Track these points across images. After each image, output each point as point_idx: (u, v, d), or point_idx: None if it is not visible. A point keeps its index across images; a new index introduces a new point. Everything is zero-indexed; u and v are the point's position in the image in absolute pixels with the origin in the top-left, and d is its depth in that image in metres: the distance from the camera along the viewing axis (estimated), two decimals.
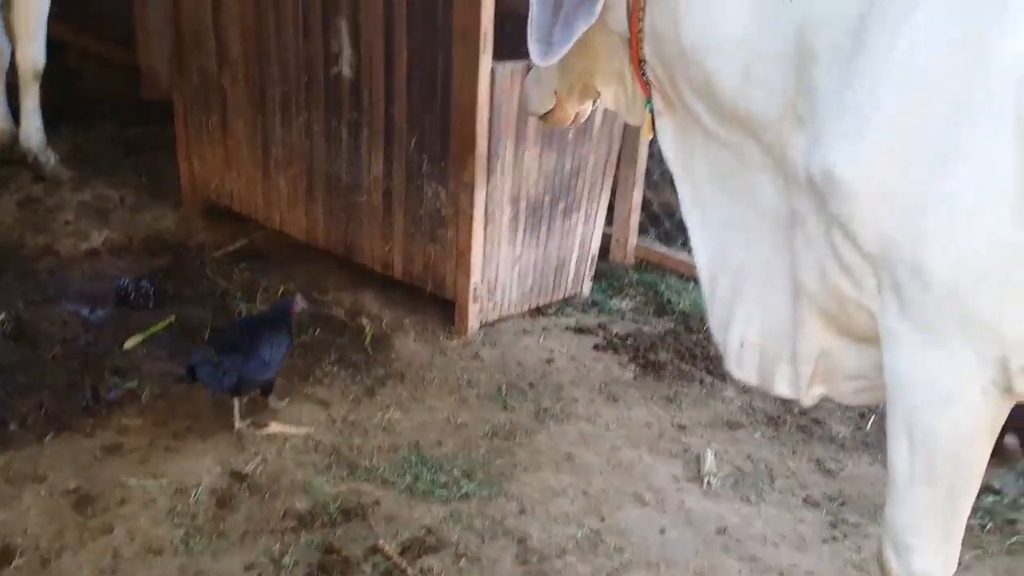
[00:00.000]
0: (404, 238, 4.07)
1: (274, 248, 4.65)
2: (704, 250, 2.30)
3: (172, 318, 3.96)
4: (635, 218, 4.70)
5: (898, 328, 1.81)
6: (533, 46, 2.13)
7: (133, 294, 4.10)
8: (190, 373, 3.14)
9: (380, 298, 4.24)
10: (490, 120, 3.69)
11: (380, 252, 4.17)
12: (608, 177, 4.32)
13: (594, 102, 2.59)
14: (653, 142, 2.51)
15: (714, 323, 2.31)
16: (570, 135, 4.01)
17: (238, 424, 3.26)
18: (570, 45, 2.09)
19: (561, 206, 4.15)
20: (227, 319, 3.98)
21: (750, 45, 1.97)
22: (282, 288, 4.25)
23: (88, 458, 3.08)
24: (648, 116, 2.32)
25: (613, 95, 2.44)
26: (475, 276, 3.91)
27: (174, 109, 4.88)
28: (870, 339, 1.93)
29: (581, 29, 2.08)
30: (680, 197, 2.35)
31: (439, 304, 4.09)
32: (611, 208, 4.56)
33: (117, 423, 3.27)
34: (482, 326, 4.06)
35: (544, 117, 2.60)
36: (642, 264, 4.77)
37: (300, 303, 3.55)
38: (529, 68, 2.55)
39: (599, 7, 2.07)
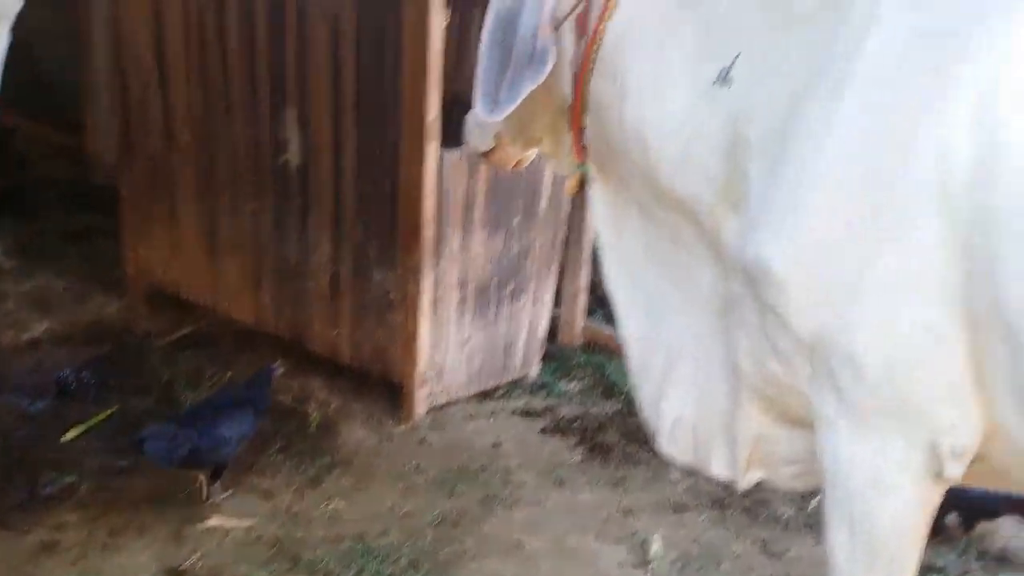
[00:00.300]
0: (352, 323, 4.06)
1: (221, 335, 4.60)
2: (633, 325, 2.31)
3: (114, 409, 3.89)
4: (582, 300, 4.73)
5: (833, 415, 1.83)
6: (480, 101, 2.15)
7: (74, 385, 4.02)
8: (138, 445, 3.09)
9: (327, 384, 4.20)
10: (437, 206, 3.73)
11: (328, 337, 4.16)
12: (555, 260, 4.36)
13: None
14: None
15: (644, 400, 2.32)
16: (516, 220, 4.06)
17: (206, 494, 3.23)
18: (516, 104, 2.12)
19: (509, 289, 4.18)
20: (171, 409, 3.92)
21: (689, 128, 2.02)
22: (229, 374, 4.21)
23: (23, 557, 2.99)
24: (576, 177, 2.36)
25: (549, 151, 2.48)
26: (422, 361, 3.90)
27: (120, 196, 4.87)
28: (807, 424, 1.94)
29: (528, 89, 2.11)
30: (605, 267, 2.36)
31: (387, 389, 4.07)
32: (559, 290, 4.59)
33: (54, 519, 3.19)
34: (430, 411, 4.04)
35: (485, 156, 2.59)
36: (590, 345, 4.78)
37: (279, 369, 3.53)
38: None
39: (547, 70, 2.11)
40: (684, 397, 2.21)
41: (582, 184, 2.37)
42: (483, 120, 2.42)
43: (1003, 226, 1.60)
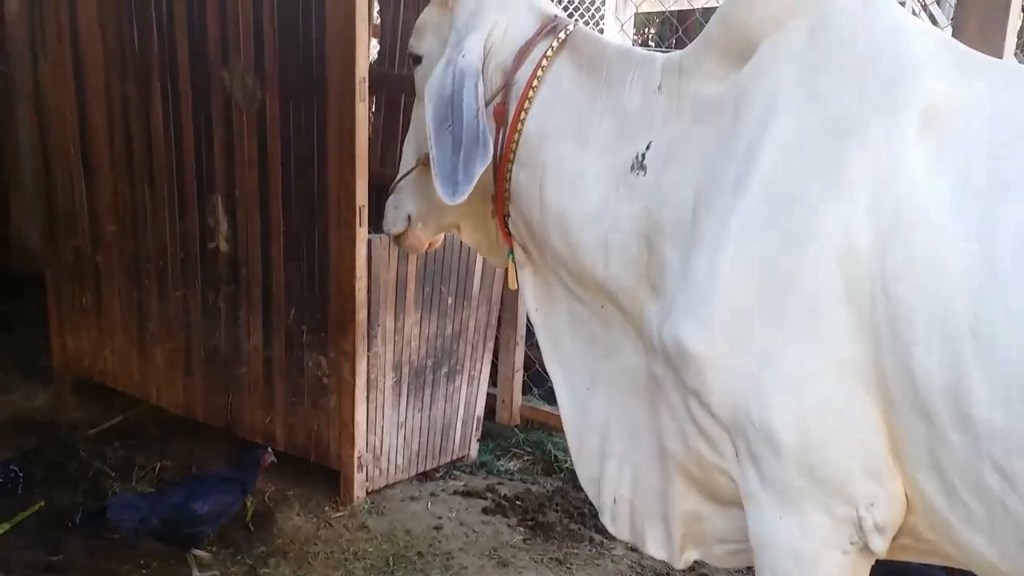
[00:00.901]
0: (286, 409, 4.02)
1: (151, 424, 4.51)
2: (569, 405, 2.34)
3: (41, 504, 3.78)
4: (518, 378, 4.75)
5: (757, 493, 1.86)
6: (439, 186, 2.09)
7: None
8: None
9: (263, 471, 4.12)
10: (369, 290, 3.73)
11: (261, 424, 4.10)
12: (490, 339, 4.37)
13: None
14: None
15: (584, 479, 2.34)
16: (450, 300, 4.08)
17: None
18: (474, 184, 2.08)
19: (444, 370, 4.17)
20: (100, 501, 3.81)
21: (608, 214, 2.07)
22: (158, 465, 4.12)
23: None
24: (511, 266, 2.38)
25: (472, 236, 2.48)
26: (359, 445, 3.87)
27: (46, 284, 4.79)
28: (736, 502, 1.97)
29: (479, 170, 2.08)
30: (542, 349, 2.39)
31: (324, 474, 4.01)
32: (494, 369, 4.60)
33: None
34: (369, 495, 3.99)
35: (397, 239, 2.57)
36: (528, 423, 4.78)
37: (270, 456, 3.49)
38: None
39: (491, 150, 2.11)
40: (619, 475, 2.24)
41: None
42: (397, 200, 2.45)
43: (908, 309, 1.65)
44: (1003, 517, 1.65)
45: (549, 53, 2.16)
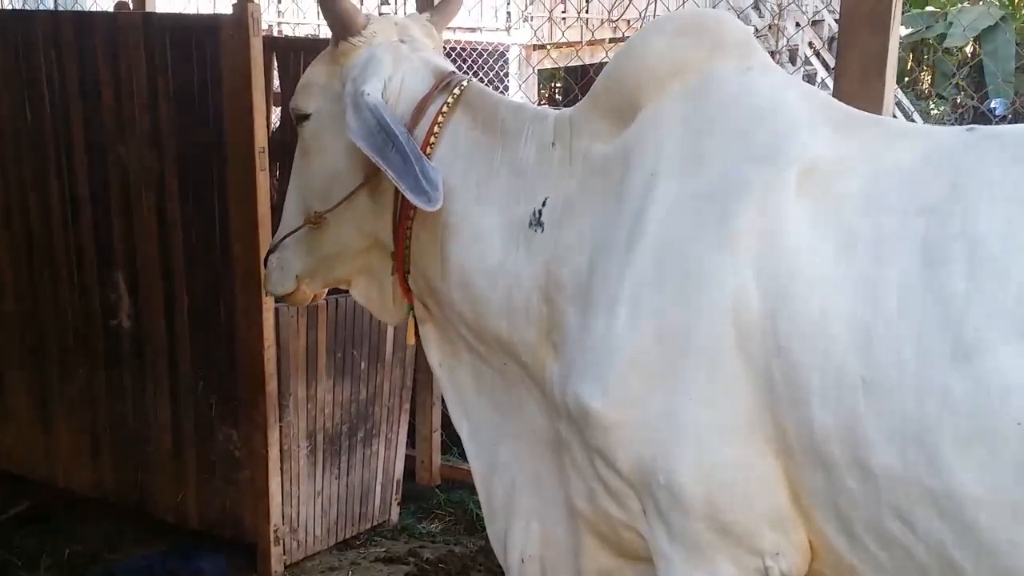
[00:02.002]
0: (198, 484, 3.92)
1: (59, 508, 4.36)
2: (477, 461, 2.32)
3: None
4: (437, 438, 4.70)
5: (666, 548, 1.87)
6: (416, 198, 2.01)
7: None
8: None
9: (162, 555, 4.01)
10: (278, 359, 3.68)
11: (173, 501, 3.99)
12: (405, 401, 4.34)
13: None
14: None
15: (493, 536, 2.31)
16: (363, 364, 4.04)
17: None
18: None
19: (360, 435, 4.12)
20: None
21: (509, 271, 2.07)
22: (67, 551, 3.97)
23: None
24: (411, 322, 2.35)
25: (365, 292, 2.44)
26: (275, 517, 3.79)
27: None
28: (647, 558, 1.98)
29: (429, 167, 2.03)
30: (448, 404, 2.37)
31: (240, 550, 3.91)
32: (412, 430, 4.56)
33: None
34: (287, 568, 3.90)
35: (281, 298, 2.53)
36: (449, 483, 4.74)
37: None
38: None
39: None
40: (528, 532, 2.22)
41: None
42: (282, 262, 2.39)
43: (801, 364, 1.69)
44: (906, 561, 1.68)
45: (445, 109, 2.15)
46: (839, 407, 1.66)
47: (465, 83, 2.21)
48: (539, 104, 11.66)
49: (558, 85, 14.28)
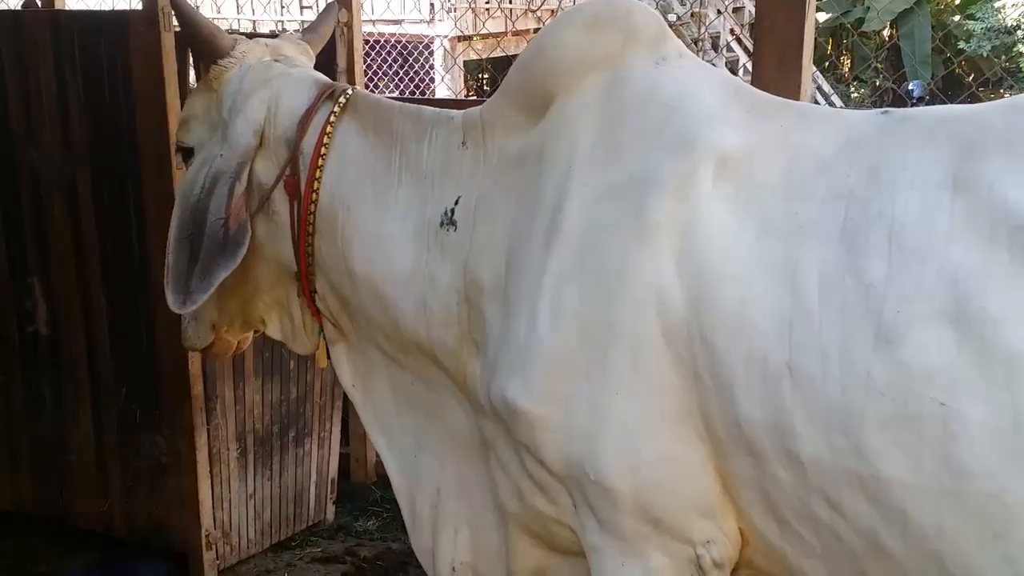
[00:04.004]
0: (123, 494, 3.83)
1: None
2: (398, 474, 2.28)
3: None
4: None
5: (598, 542, 1.87)
6: (169, 295, 2.05)
7: None
8: None
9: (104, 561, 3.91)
10: (203, 361, 3.60)
11: (98, 512, 3.89)
12: (338, 398, 4.28)
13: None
14: None
15: (418, 551, 2.28)
16: (292, 364, 3.98)
17: None
18: (210, 292, 2.04)
19: (292, 434, 4.06)
20: None
21: (423, 275, 2.03)
22: None
23: None
24: (322, 344, 2.31)
25: (278, 325, 2.38)
26: (206, 522, 3.71)
27: None
28: (580, 552, 1.97)
29: (221, 276, 2.04)
30: (364, 424, 2.33)
31: (173, 557, 3.83)
32: (346, 428, 4.51)
33: None
34: (221, 573, 3.82)
35: (205, 351, 2.47)
36: (385, 480, 4.66)
37: None
38: None
39: (242, 252, 2.05)
40: (456, 541, 2.20)
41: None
42: (194, 313, 2.29)
43: (725, 354, 1.69)
44: (835, 545, 1.69)
45: (332, 118, 2.11)
46: (765, 397, 1.66)
47: (350, 91, 2.17)
48: (467, 96, 11.61)
49: (485, 76, 14.25)
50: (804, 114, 1.88)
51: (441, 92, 10.98)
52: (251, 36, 2.38)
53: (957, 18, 16.43)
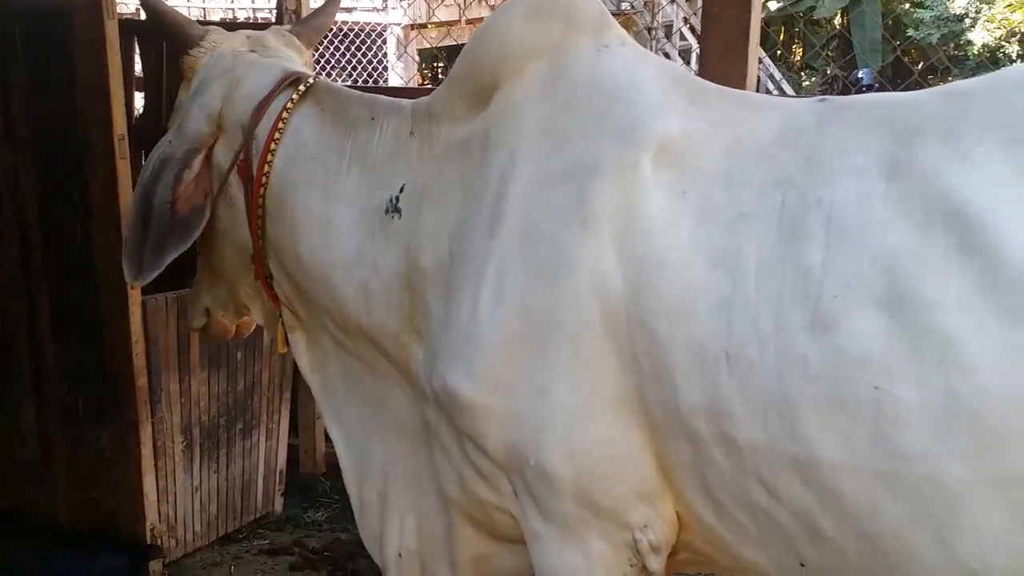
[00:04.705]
0: (69, 488, 3.79)
1: None
2: (348, 461, 2.31)
3: None
4: (320, 425, 4.65)
5: (538, 528, 1.89)
6: (125, 267, 2.14)
7: None
8: None
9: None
10: (147, 354, 3.57)
11: (44, 506, 3.85)
12: (286, 389, 4.27)
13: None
14: None
15: (366, 538, 2.30)
16: (239, 355, 3.95)
17: None
18: (161, 268, 2.11)
19: (239, 426, 4.04)
20: None
21: (367, 260, 2.05)
22: None
23: None
24: (281, 329, 2.33)
25: (260, 311, 2.43)
26: (151, 516, 3.68)
27: None
28: (522, 539, 1.99)
29: (172, 255, 2.11)
30: (321, 410, 2.37)
31: (120, 550, 3.79)
32: (295, 419, 4.50)
33: None
34: (166, 566, 3.80)
35: (203, 334, 2.55)
36: (334, 470, 4.66)
37: None
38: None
39: (191, 236, 2.12)
40: (402, 527, 2.21)
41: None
42: (193, 292, 2.46)
43: (664, 339, 1.70)
44: (771, 528, 1.72)
45: (290, 105, 2.15)
46: (703, 382, 1.68)
47: (311, 80, 2.20)
48: (421, 84, 11.56)
49: (440, 65, 14.18)
50: (744, 102, 1.91)
51: (394, 80, 10.94)
52: (232, 27, 2.44)
53: (907, 6, 16.62)
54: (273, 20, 5.71)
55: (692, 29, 13.33)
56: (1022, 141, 1.55)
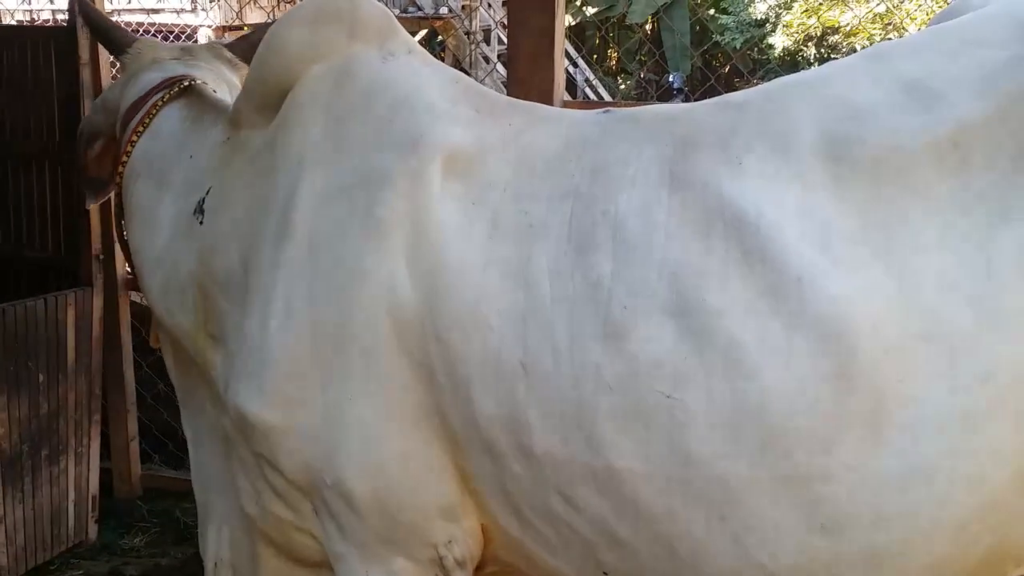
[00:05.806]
0: None
1: None
2: (192, 464, 2.30)
3: None
4: (135, 447, 4.45)
5: (340, 549, 1.84)
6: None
7: None
8: None
9: None
10: None
11: None
12: (95, 411, 4.05)
13: None
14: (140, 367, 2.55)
15: (201, 548, 2.25)
16: (41, 377, 3.73)
17: None
18: (90, 205, 2.53)
19: (45, 452, 3.81)
20: None
21: (170, 258, 2.05)
22: None
23: None
24: (154, 323, 2.34)
25: None
26: None
27: None
28: (323, 564, 1.93)
29: (90, 203, 2.54)
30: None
31: None
32: (107, 441, 4.28)
33: None
34: None
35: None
36: (152, 493, 4.49)
37: None
38: None
39: (93, 197, 2.50)
40: (219, 537, 2.16)
41: None
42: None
43: (460, 353, 1.68)
44: (572, 538, 1.72)
45: (160, 103, 2.23)
46: (500, 394, 1.66)
47: (188, 83, 2.28)
48: None
49: None
50: (532, 114, 1.90)
51: None
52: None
53: (712, 12, 17.32)
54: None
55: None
56: (784, 149, 1.60)
